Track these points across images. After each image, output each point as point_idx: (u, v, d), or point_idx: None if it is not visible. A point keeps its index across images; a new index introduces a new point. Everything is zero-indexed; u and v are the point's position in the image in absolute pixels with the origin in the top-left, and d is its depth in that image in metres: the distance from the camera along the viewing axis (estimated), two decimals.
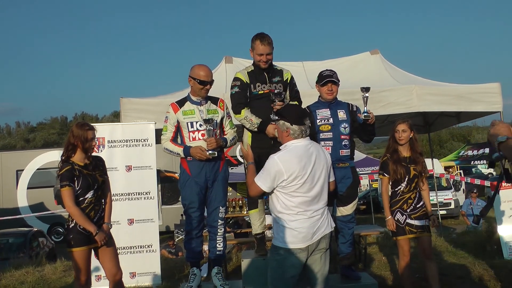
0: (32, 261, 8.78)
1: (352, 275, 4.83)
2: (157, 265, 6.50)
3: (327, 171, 3.69)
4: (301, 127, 3.59)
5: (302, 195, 3.52)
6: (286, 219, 3.55)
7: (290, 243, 3.52)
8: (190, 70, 4.63)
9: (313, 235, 3.52)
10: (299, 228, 3.51)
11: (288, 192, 3.53)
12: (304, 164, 3.52)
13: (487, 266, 6.30)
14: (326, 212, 3.68)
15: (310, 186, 3.54)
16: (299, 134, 3.59)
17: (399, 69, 9.49)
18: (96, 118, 63.39)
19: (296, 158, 3.52)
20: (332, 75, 4.76)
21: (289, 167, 3.49)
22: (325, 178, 3.65)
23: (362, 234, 6.99)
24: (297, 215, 3.53)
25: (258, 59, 4.62)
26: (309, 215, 3.54)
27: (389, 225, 4.87)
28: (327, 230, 3.62)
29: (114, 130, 6.73)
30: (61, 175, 4.19)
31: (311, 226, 3.52)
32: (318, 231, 3.55)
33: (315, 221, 3.54)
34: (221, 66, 9.15)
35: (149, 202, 6.62)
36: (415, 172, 4.77)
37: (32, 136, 57.04)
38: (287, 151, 3.60)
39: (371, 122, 4.67)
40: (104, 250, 4.37)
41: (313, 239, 3.53)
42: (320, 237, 3.56)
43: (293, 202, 3.53)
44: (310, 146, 3.63)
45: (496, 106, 8.13)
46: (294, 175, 3.48)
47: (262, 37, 4.58)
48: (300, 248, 3.51)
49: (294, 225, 3.52)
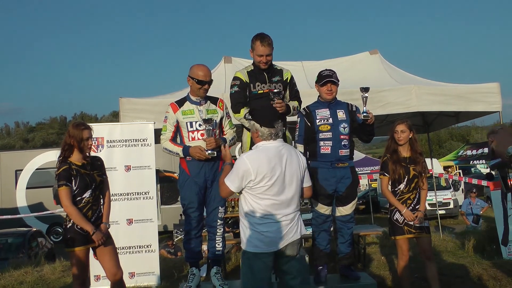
0: (31, 261, 8.77)
1: (351, 275, 4.84)
2: (156, 265, 6.49)
3: (300, 175, 3.61)
4: (271, 129, 3.54)
5: (270, 198, 3.46)
6: (253, 222, 3.48)
7: (256, 247, 3.46)
8: (189, 70, 4.64)
9: (280, 240, 3.45)
10: (265, 232, 3.44)
11: (256, 194, 3.47)
12: (273, 165, 3.45)
13: (486, 266, 6.30)
14: (297, 218, 3.59)
15: (280, 189, 3.47)
16: (268, 136, 3.56)
17: (398, 69, 9.48)
18: (95, 118, 63.39)
19: (265, 159, 3.47)
20: (332, 75, 4.76)
21: (257, 167, 3.43)
22: (296, 182, 3.56)
23: (361, 234, 6.98)
24: (264, 219, 3.45)
25: (258, 60, 4.61)
26: (277, 219, 3.46)
27: (408, 217, 4.69)
28: (295, 236, 3.53)
29: (113, 130, 6.72)
30: (58, 174, 4.19)
31: (279, 231, 3.45)
32: (286, 237, 3.48)
33: (283, 226, 3.46)
34: (220, 66, 9.15)
35: (148, 202, 6.60)
36: (415, 172, 4.75)
37: (31, 136, 57.03)
38: (257, 151, 3.56)
39: (371, 122, 4.66)
40: (102, 249, 4.36)
41: (281, 244, 3.46)
42: (288, 243, 3.49)
43: (261, 205, 3.46)
44: (282, 148, 3.57)
45: (495, 106, 8.13)
46: (261, 176, 3.42)
47: (262, 38, 4.56)
48: (266, 252, 3.45)
49: (260, 229, 3.45)
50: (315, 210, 4.82)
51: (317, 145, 4.71)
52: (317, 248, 4.85)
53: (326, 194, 4.71)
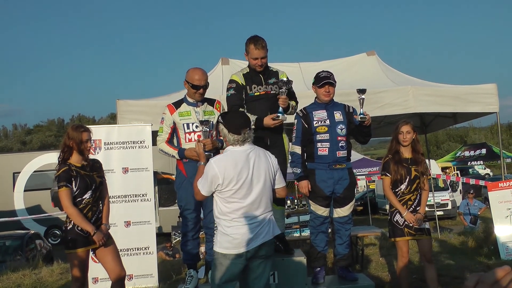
0: (29, 264, 8.74)
1: (349, 276, 4.83)
2: (154, 267, 6.48)
3: (269, 177, 3.64)
4: (236, 136, 3.56)
5: (237, 201, 3.51)
6: (222, 225, 3.56)
7: (225, 248, 3.52)
8: (185, 73, 4.65)
9: (249, 241, 3.49)
10: (234, 234, 3.50)
11: (224, 197, 3.53)
12: (240, 170, 3.49)
13: (484, 266, 6.30)
14: (268, 219, 3.62)
15: (247, 192, 3.51)
16: (234, 142, 3.58)
17: (396, 70, 9.50)
18: (92, 120, 63.34)
19: (231, 163, 3.51)
20: (330, 76, 4.76)
21: (224, 172, 3.48)
22: (264, 184, 3.59)
23: (360, 235, 6.98)
24: (232, 221, 3.52)
25: (254, 63, 4.61)
26: (245, 222, 3.51)
27: (409, 219, 4.69)
28: (266, 237, 3.56)
29: (110, 132, 6.71)
30: (59, 176, 4.20)
31: (247, 233, 3.49)
32: (255, 238, 3.51)
33: (252, 228, 3.51)
34: (217, 67, 9.15)
35: (146, 204, 6.59)
36: (416, 173, 4.75)
37: (28, 139, 56.92)
38: (224, 155, 3.62)
39: (368, 124, 4.66)
40: (103, 250, 4.36)
41: (250, 246, 3.50)
42: (258, 244, 3.52)
43: (229, 208, 3.52)
44: (249, 151, 3.59)
45: (492, 107, 8.16)
46: (228, 180, 3.47)
47: (256, 41, 4.55)
48: (235, 254, 3.50)
49: (229, 231, 3.51)
50: (313, 212, 4.82)
51: (315, 146, 4.70)
52: (314, 250, 4.85)
53: (324, 195, 4.71)
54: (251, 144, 3.65)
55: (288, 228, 9.51)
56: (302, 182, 4.72)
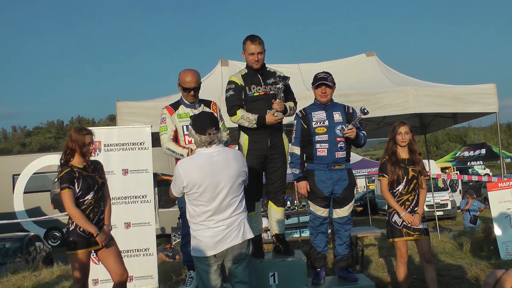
0: (29, 266, 8.75)
1: (349, 277, 4.83)
2: (154, 269, 6.48)
3: (239, 179, 3.62)
4: (202, 137, 3.54)
5: (203, 204, 3.52)
6: (192, 228, 3.61)
7: (195, 251, 3.59)
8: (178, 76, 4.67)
9: (216, 244, 3.50)
10: (200, 237, 3.54)
11: (191, 200, 3.56)
12: (205, 173, 3.49)
13: (484, 266, 6.30)
14: (239, 222, 3.60)
15: (212, 196, 3.50)
16: (200, 143, 3.57)
17: (395, 71, 9.49)
18: (92, 122, 63.34)
19: (196, 166, 3.52)
20: (327, 77, 4.75)
21: (187, 175, 3.50)
22: (231, 187, 3.56)
23: (359, 236, 6.98)
24: (199, 225, 3.55)
25: (250, 59, 4.63)
26: (211, 225, 3.52)
27: (407, 219, 4.68)
28: (235, 241, 3.55)
29: (110, 133, 6.70)
30: (61, 177, 4.20)
31: (213, 236, 3.51)
32: (222, 242, 3.52)
33: (219, 232, 3.51)
34: (217, 69, 9.15)
35: (146, 205, 6.59)
36: (414, 173, 4.75)
37: (28, 141, 56.97)
38: (190, 158, 3.67)
39: (351, 136, 4.64)
40: (106, 251, 4.36)
41: (217, 249, 3.51)
42: (225, 248, 3.52)
43: (196, 211, 3.55)
44: (216, 154, 3.56)
45: (491, 107, 8.16)
46: (192, 184, 3.49)
47: (253, 37, 4.61)
48: (203, 257, 3.55)
49: (197, 234, 3.56)
50: (312, 213, 4.82)
51: (314, 147, 4.71)
52: (314, 251, 4.85)
53: (323, 196, 4.71)
54: (219, 145, 3.63)
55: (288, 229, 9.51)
56: (301, 182, 4.72)
